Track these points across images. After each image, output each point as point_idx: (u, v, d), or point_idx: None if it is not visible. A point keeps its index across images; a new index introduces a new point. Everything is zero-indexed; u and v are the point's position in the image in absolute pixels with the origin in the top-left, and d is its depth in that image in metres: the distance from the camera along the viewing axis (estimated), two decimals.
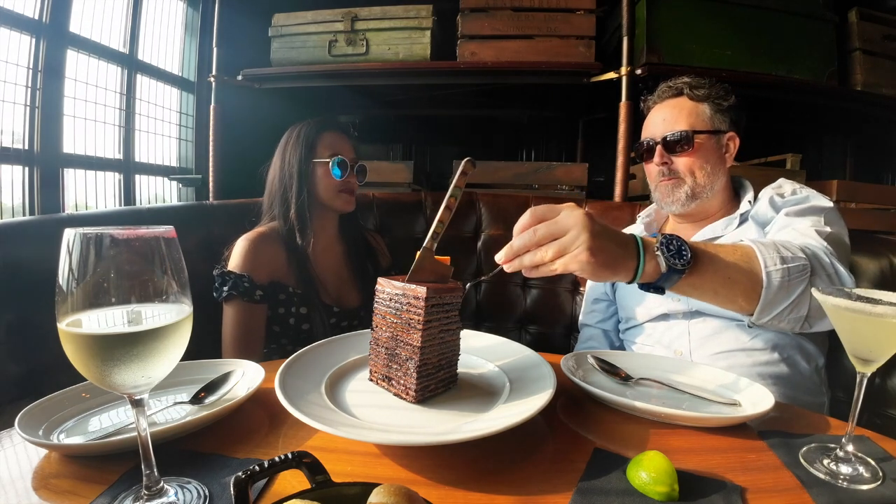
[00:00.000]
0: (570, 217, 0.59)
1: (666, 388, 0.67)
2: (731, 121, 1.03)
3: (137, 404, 0.42)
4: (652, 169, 1.07)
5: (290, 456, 0.38)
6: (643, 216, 1.22)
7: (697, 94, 1.03)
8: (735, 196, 1.09)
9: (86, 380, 0.50)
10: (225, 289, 1.03)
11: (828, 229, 0.86)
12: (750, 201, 1.03)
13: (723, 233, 1.02)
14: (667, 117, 1.04)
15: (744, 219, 1.02)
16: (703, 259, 0.68)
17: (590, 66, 1.69)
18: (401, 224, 1.47)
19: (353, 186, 1.17)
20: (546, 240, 0.60)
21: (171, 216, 1.24)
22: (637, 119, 1.62)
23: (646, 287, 0.68)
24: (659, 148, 1.03)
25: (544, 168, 1.75)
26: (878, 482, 0.49)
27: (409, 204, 1.51)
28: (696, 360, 0.95)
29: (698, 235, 1.04)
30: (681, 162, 1.02)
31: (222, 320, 1.06)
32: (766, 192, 1.01)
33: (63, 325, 0.38)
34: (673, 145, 1.01)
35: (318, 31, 1.86)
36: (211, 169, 1.93)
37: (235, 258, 1.07)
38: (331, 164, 1.13)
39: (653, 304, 1.06)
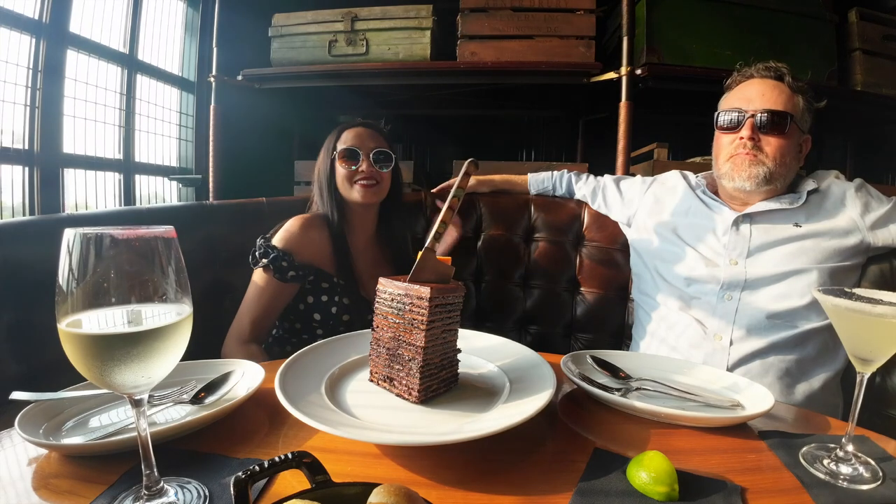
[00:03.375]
0: None
1: (666, 389, 0.67)
2: (810, 125, 1.03)
3: (137, 404, 0.42)
4: (729, 140, 1.03)
5: (290, 456, 0.38)
6: (694, 177, 1.20)
7: (797, 85, 1.01)
8: (788, 191, 1.07)
9: (86, 380, 0.50)
10: (264, 260, 1.05)
11: None
12: (814, 188, 1.04)
13: (789, 206, 1.02)
14: (766, 93, 1.00)
15: (811, 194, 1.03)
16: None
17: (590, 66, 1.69)
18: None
19: (368, 174, 1.14)
20: None
21: (171, 216, 1.24)
22: (637, 119, 1.62)
23: None
24: (751, 121, 0.99)
25: (544, 168, 1.75)
26: (878, 482, 0.49)
27: (409, 204, 1.50)
28: (734, 352, 0.97)
29: (761, 205, 1.03)
30: (771, 142, 0.99)
31: (249, 284, 1.08)
32: (845, 185, 1.03)
33: (63, 326, 0.38)
34: (768, 123, 0.98)
35: (318, 31, 1.86)
36: (211, 169, 1.92)
37: (283, 234, 1.09)
38: (336, 155, 1.14)
39: (696, 261, 1.05)
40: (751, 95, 1.02)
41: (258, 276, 1.07)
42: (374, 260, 1.23)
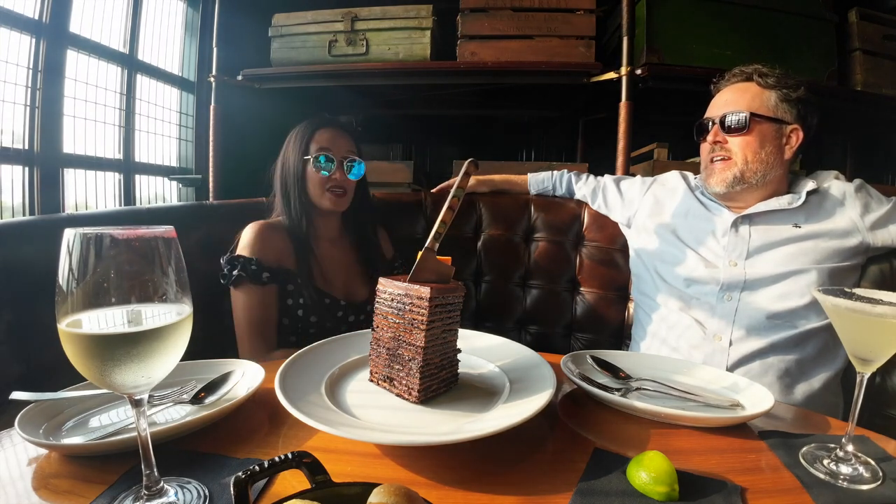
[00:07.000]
0: None
1: (666, 389, 0.67)
2: (797, 114, 1.03)
3: (137, 404, 0.42)
4: (704, 148, 1.09)
5: (290, 456, 0.38)
6: (694, 178, 1.22)
7: (766, 81, 1.04)
8: (788, 191, 1.08)
9: (86, 380, 0.50)
10: (234, 273, 1.04)
11: None
12: (814, 189, 1.04)
13: (787, 206, 1.02)
14: (729, 99, 1.06)
15: (811, 195, 1.03)
16: None
17: (590, 66, 1.68)
18: (401, 224, 1.47)
19: (341, 184, 1.13)
20: None
21: (171, 216, 1.23)
22: (637, 119, 1.62)
23: None
24: (715, 127, 1.05)
25: (544, 168, 1.75)
26: (878, 482, 0.49)
27: (409, 204, 1.50)
28: (734, 353, 0.97)
29: (761, 205, 1.04)
30: (735, 142, 1.03)
31: (232, 309, 1.07)
32: (844, 185, 1.04)
33: (63, 326, 0.38)
34: (729, 125, 1.03)
35: (318, 31, 1.85)
36: (211, 169, 1.92)
37: (244, 243, 1.08)
38: (312, 161, 1.11)
39: (695, 263, 1.06)
40: (717, 103, 1.09)
41: (236, 294, 1.06)
42: (341, 256, 1.22)
